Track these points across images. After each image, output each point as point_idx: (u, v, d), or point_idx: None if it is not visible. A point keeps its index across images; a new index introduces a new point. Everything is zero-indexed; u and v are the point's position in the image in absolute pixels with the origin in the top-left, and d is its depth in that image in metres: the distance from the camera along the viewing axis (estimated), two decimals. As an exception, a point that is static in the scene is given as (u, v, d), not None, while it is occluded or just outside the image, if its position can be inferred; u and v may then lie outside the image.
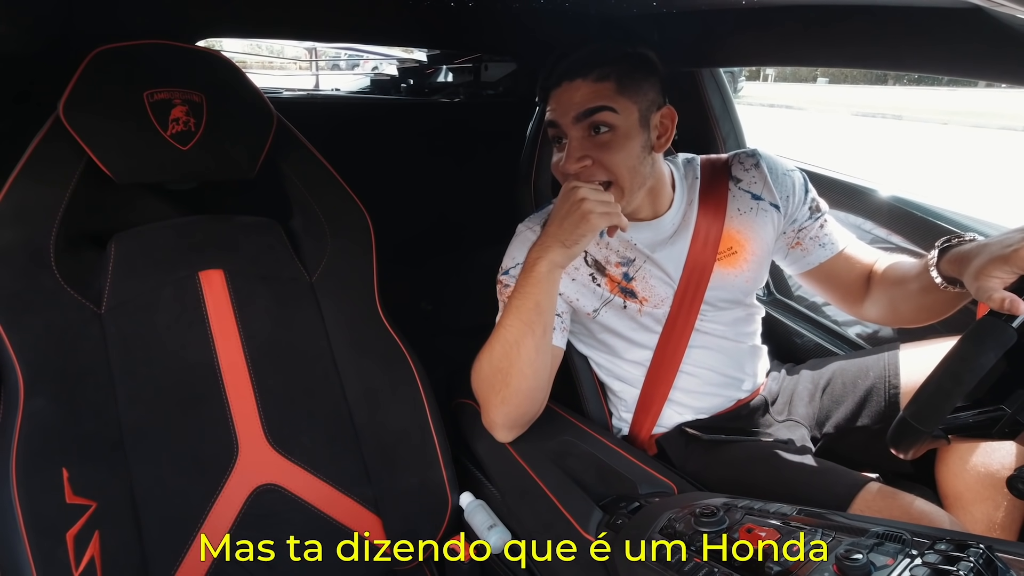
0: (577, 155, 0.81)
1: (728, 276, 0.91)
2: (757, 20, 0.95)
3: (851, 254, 0.92)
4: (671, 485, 0.78)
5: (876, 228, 1.14)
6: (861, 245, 0.94)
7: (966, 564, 0.44)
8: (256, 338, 0.84)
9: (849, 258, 0.92)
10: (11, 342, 0.70)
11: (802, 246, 0.93)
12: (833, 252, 0.92)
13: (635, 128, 0.81)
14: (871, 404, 0.91)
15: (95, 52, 0.75)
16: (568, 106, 0.81)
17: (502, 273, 0.90)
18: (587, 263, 0.90)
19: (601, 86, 0.79)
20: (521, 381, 0.81)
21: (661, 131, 0.84)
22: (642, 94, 0.81)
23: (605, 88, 0.79)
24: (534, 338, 0.80)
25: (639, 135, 0.81)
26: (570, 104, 0.81)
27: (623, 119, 0.80)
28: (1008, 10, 0.49)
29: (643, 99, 0.81)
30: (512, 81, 1.76)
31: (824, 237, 0.92)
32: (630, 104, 0.80)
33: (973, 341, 0.59)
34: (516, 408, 0.84)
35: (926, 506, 0.69)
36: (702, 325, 0.93)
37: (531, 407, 0.85)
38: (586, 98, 0.79)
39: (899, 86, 16.20)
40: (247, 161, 0.84)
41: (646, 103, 0.82)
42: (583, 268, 0.90)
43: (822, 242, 0.92)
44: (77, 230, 0.77)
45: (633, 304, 0.90)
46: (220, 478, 0.78)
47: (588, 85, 0.80)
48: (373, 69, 3.66)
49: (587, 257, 0.91)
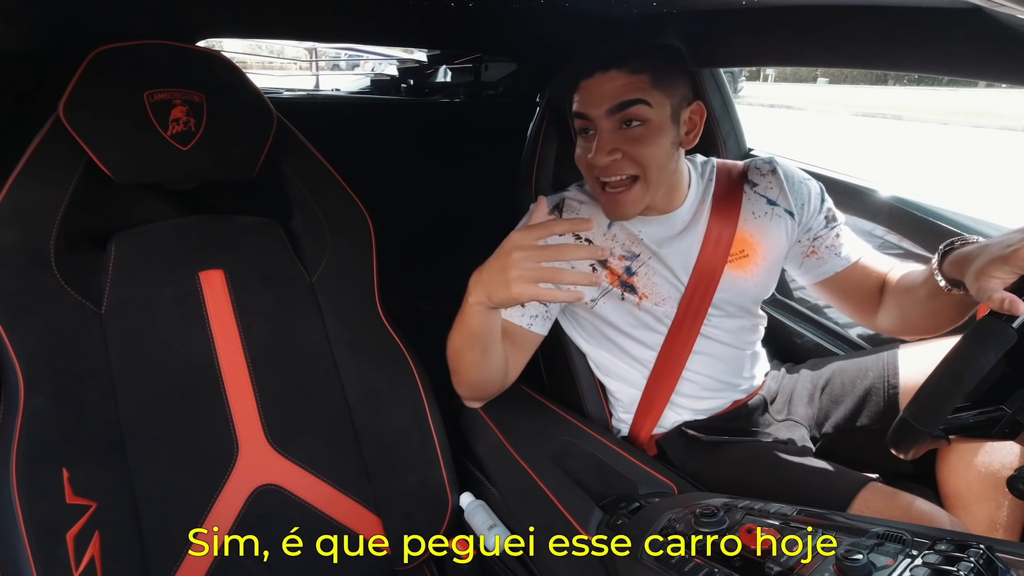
0: (608, 148, 0.79)
1: (738, 279, 0.90)
2: (757, 20, 0.95)
3: (867, 264, 0.91)
4: (671, 485, 0.78)
5: (888, 234, 1.13)
6: (876, 255, 0.92)
7: (966, 564, 0.44)
8: (256, 338, 0.84)
9: (864, 268, 0.90)
10: (11, 342, 0.70)
11: (817, 255, 0.92)
12: (849, 262, 0.91)
13: (667, 123, 0.80)
14: (870, 404, 0.91)
15: (95, 52, 0.75)
16: (601, 97, 0.79)
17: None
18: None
19: (637, 78, 0.78)
20: (470, 376, 0.85)
21: (690, 127, 0.84)
22: (674, 89, 0.81)
23: (640, 81, 0.78)
24: (473, 355, 0.80)
25: (670, 130, 0.81)
26: (603, 96, 0.79)
27: (656, 113, 0.79)
28: (1008, 10, 0.49)
29: (676, 94, 0.81)
30: (512, 81, 1.76)
31: (840, 247, 0.91)
32: (664, 98, 0.79)
33: (973, 341, 0.59)
34: (470, 390, 0.90)
35: (926, 506, 0.69)
36: (707, 330, 0.92)
37: (486, 389, 0.90)
38: (621, 90, 0.78)
39: (899, 86, 16.21)
40: (247, 161, 0.84)
41: (678, 98, 0.81)
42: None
43: (838, 251, 0.91)
44: (77, 230, 0.77)
45: (631, 297, 0.90)
46: (220, 478, 0.78)
47: (623, 77, 0.78)
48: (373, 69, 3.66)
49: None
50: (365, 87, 2.23)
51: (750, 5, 0.91)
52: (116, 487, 0.72)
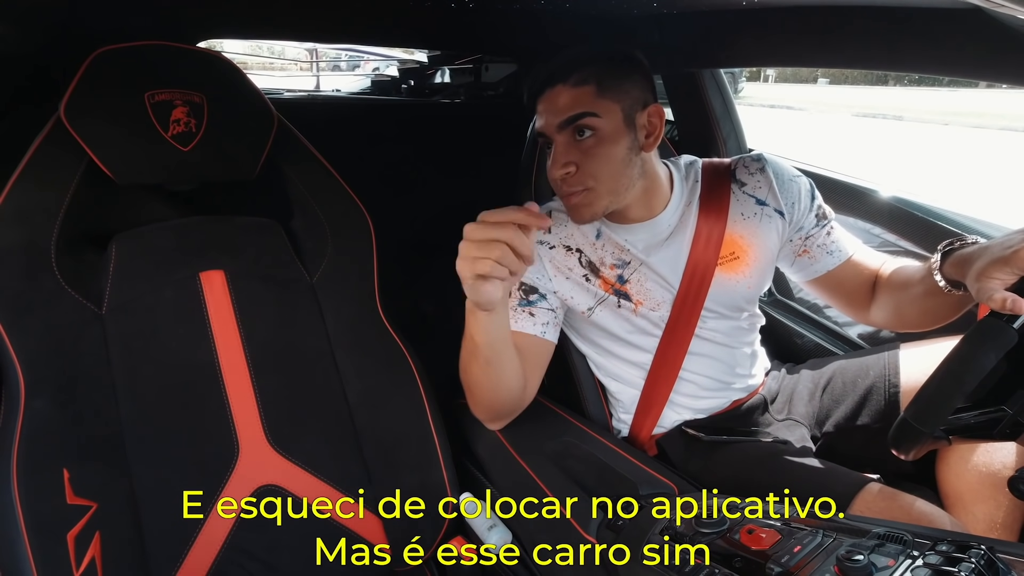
0: (562, 161, 0.81)
1: (730, 281, 0.90)
2: (758, 20, 0.95)
3: (859, 260, 0.91)
4: (672, 486, 0.78)
5: (884, 233, 1.13)
6: (868, 250, 0.93)
7: (967, 565, 0.44)
8: (257, 339, 0.84)
9: (857, 264, 0.91)
10: (12, 343, 0.70)
11: (809, 254, 0.92)
12: (841, 260, 0.91)
13: (620, 130, 0.80)
14: (871, 403, 0.91)
15: (96, 53, 0.75)
16: (550, 113, 0.81)
17: None
18: (581, 264, 0.90)
19: (581, 91, 0.79)
20: (480, 391, 0.84)
21: (649, 130, 0.83)
22: (624, 93, 0.80)
23: (585, 93, 0.79)
24: (477, 365, 0.79)
25: (624, 136, 0.81)
26: (553, 110, 0.81)
27: (606, 122, 0.79)
28: (1008, 11, 0.49)
29: (626, 98, 0.80)
30: (513, 82, 1.76)
31: (832, 244, 0.91)
32: (612, 105, 0.79)
33: (974, 342, 0.59)
34: (484, 410, 0.88)
35: (927, 507, 0.69)
36: (702, 332, 0.92)
37: (501, 407, 0.87)
38: (567, 104, 0.79)
39: (900, 87, 16.21)
40: (248, 162, 0.84)
41: (629, 102, 0.81)
42: (577, 269, 0.90)
43: (830, 249, 0.91)
44: (78, 231, 0.77)
45: (628, 304, 0.90)
46: (221, 479, 0.78)
47: (568, 90, 0.79)
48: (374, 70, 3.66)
49: (581, 258, 0.90)
50: (366, 88, 2.23)
51: (750, 6, 0.91)
52: (117, 487, 0.72)
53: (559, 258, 0.90)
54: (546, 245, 0.90)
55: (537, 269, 0.89)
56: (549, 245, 0.90)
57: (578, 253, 0.90)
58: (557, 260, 0.90)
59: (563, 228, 0.91)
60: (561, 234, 0.90)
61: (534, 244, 0.67)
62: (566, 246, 0.90)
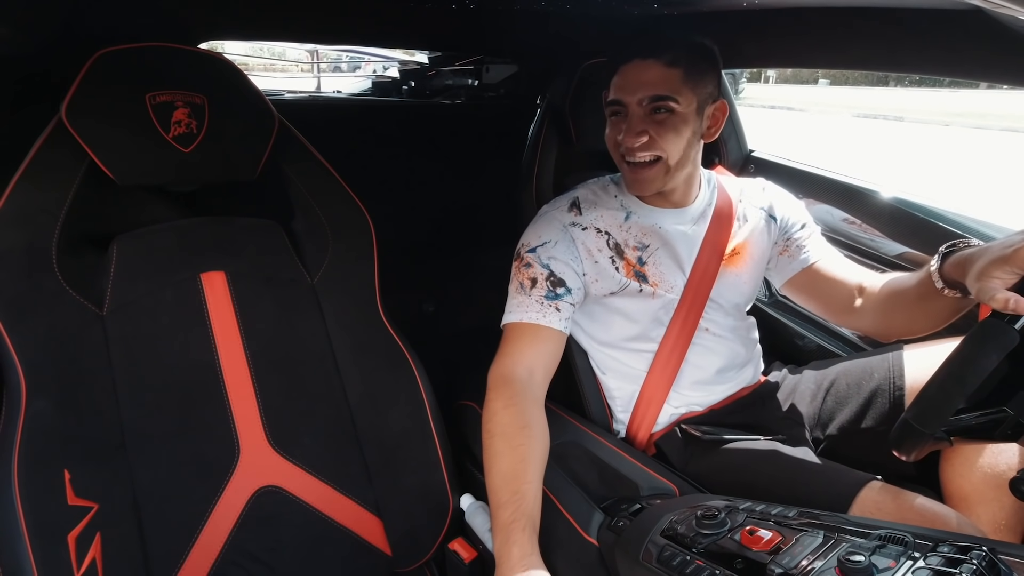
0: (637, 130, 0.85)
1: (731, 276, 0.97)
2: (758, 22, 0.95)
3: (834, 260, 0.97)
4: (672, 487, 0.78)
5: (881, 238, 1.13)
6: (849, 262, 0.98)
7: (969, 567, 0.44)
8: (257, 340, 0.84)
9: (832, 264, 0.96)
10: (13, 344, 0.70)
11: (788, 252, 0.99)
12: (816, 257, 0.97)
13: (692, 115, 0.86)
14: (876, 405, 0.91)
15: (97, 55, 0.75)
16: (637, 85, 0.85)
17: (526, 250, 0.92)
18: (608, 246, 0.93)
19: (671, 72, 0.84)
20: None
21: (712, 123, 0.90)
22: (702, 86, 0.86)
23: (674, 75, 0.84)
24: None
25: (693, 122, 0.87)
26: (639, 84, 0.85)
27: (683, 107, 0.85)
28: (1008, 11, 0.49)
29: (703, 91, 0.87)
30: (514, 83, 1.76)
31: (809, 242, 0.98)
32: (691, 94, 0.85)
33: (975, 343, 0.59)
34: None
35: (931, 503, 0.69)
36: (705, 323, 0.96)
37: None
38: (655, 81, 0.84)
39: (900, 87, 16.20)
40: (249, 163, 0.84)
41: (704, 95, 0.87)
42: (605, 251, 0.93)
43: (806, 247, 0.98)
44: (79, 232, 0.77)
45: (647, 288, 0.93)
46: (221, 480, 0.78)
47: (659, 68, 0.84)
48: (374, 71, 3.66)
49: (609, 240, 0.93)
50: (366, 89, 2.23)
51: (751, 7, 0.91)
52: (118, 489, 0.72)
53: (590, 240, 0.93)
54: (579, 227, 0.93)
55: (569, 251, 0.91)
56: (582, 227, 0.93)
57: (607, 235, 0.93)
58: (588, 242, 0.93)
59: (594, 210, 0.95)
60: (592, 216, 0.94)
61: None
62: (596, 228, 0.93)
